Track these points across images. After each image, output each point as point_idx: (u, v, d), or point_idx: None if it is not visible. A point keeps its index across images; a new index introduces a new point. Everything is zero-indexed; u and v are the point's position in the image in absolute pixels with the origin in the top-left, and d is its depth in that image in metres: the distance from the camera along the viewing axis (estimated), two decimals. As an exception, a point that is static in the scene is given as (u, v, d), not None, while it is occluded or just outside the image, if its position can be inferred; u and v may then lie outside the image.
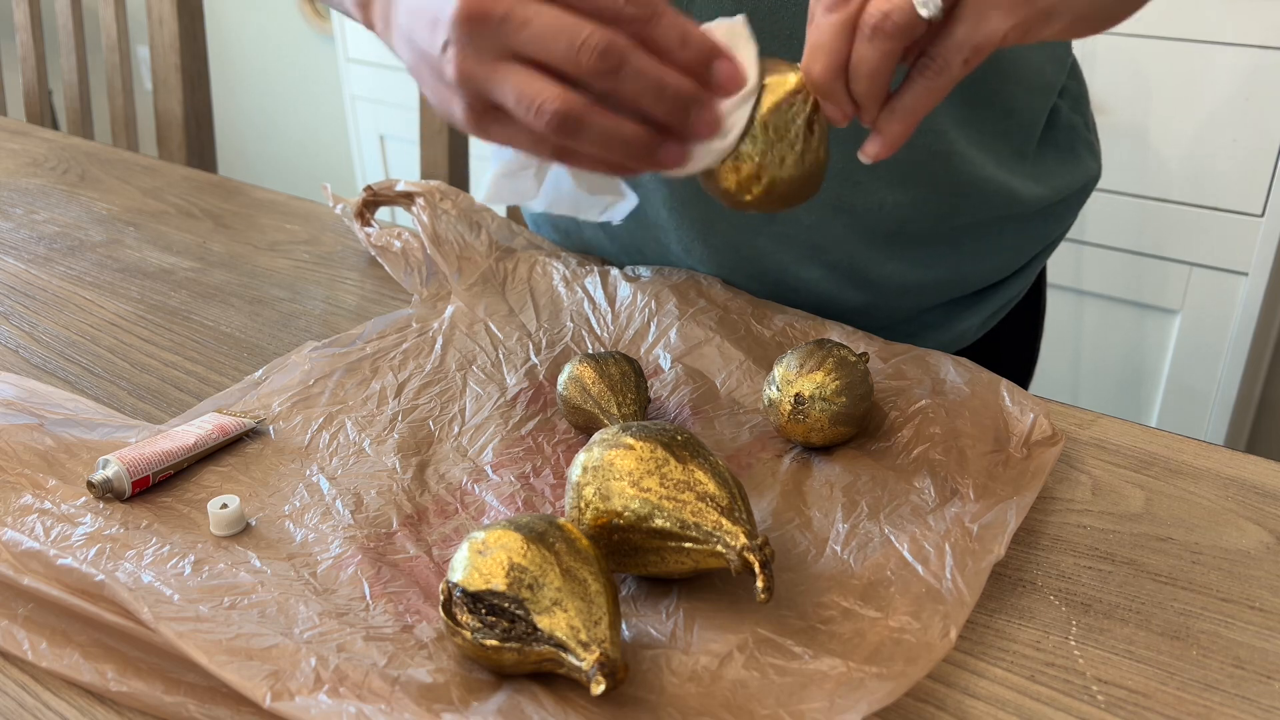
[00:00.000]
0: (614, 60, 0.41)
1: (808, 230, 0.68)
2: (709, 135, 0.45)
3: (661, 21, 0.43)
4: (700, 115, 0.44)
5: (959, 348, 0.81)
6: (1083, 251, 1.63)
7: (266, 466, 0.54)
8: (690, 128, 0.44)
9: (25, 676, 0.43)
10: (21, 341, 0.69)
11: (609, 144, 0.43)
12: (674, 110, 0.43)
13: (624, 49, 0.41)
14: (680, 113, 0.43)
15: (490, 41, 0.43)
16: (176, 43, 1.30)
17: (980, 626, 0.45)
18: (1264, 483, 0.54)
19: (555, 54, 0.42)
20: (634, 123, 0.43)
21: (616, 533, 0.43)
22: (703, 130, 0.44)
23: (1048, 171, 0.74)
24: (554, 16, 0.42)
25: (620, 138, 0.43)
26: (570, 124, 0.42)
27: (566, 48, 0.41)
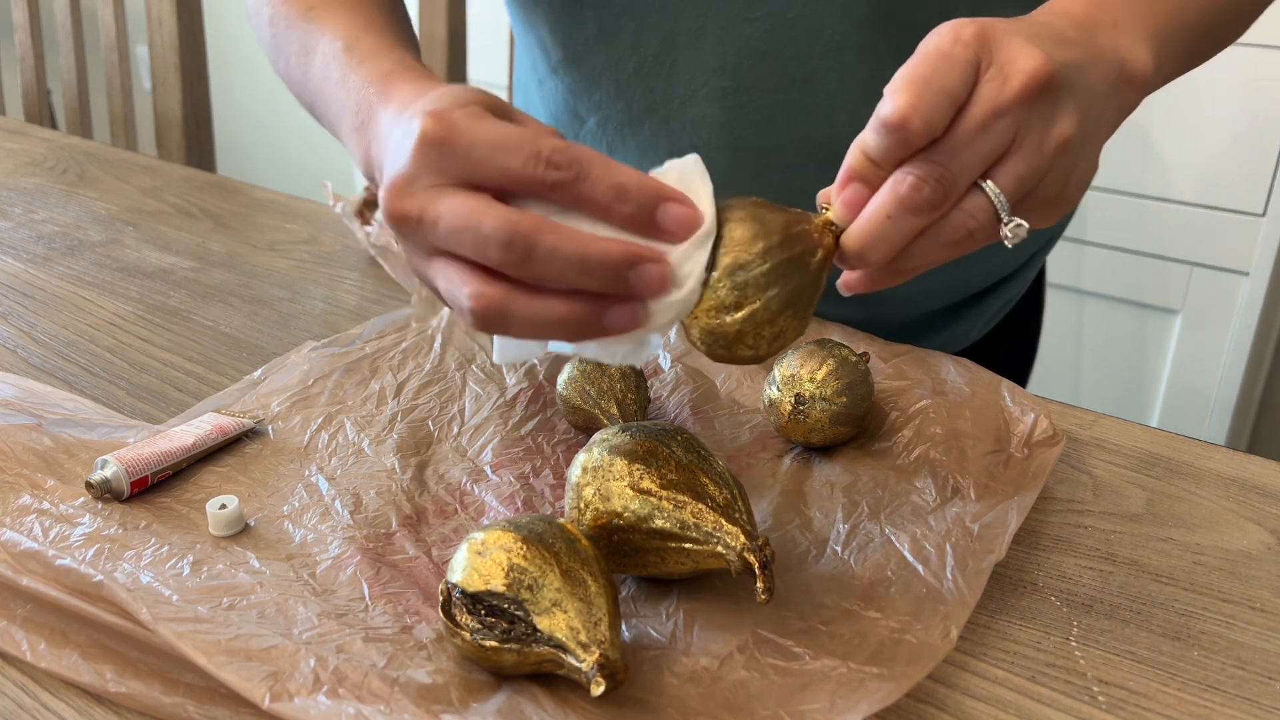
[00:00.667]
0: (520, 249, 0.38)
1: None
2: (659, 292, 0.40)
3: (590, 177, 0.39)
4: (641, 276, 0.39)
5: (961, 347, 0.81)
6: (1083, 251, 1.63)
7: (265, 467, 0.53)
8: (633, 290, 0.40)
9: (24, 677, 0.43)
10: (20, 341, 0.69)
11: (543, 328, 0.40)
12: (606, 280, 0.39)
13: (528, 233, 0.38)
14: (614, 280, 0.39)
15: (417, 240, 0.41)
16: (176, 42, 1.30)
17: (981, 627, 0.45)
18: (1265, 483, 0.54)
19: (465, 250, 0.39)
20: (564, 299, 0.40)
21: (616, 533, 0.43)
22: (650, 289, 0.40)
23: None
24: (459, 211, 0.39)
25: (552, 319, 0.40)
26: (492, 319, 0.40)
27: (473, 243, 0.39)
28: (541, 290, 0.39)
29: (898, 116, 0.40)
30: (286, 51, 0.59)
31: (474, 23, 1.31)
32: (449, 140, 0.40)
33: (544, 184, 0.39)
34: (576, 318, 0.40)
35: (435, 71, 1.22)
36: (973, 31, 0.42)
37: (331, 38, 0.55)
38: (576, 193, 0.39)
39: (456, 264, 0.40)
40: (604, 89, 0.70)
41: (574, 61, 0.71)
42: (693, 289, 0.41)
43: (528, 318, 0.40)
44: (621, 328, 0.40)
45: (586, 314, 0.40)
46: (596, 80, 0.70)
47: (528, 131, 0.40)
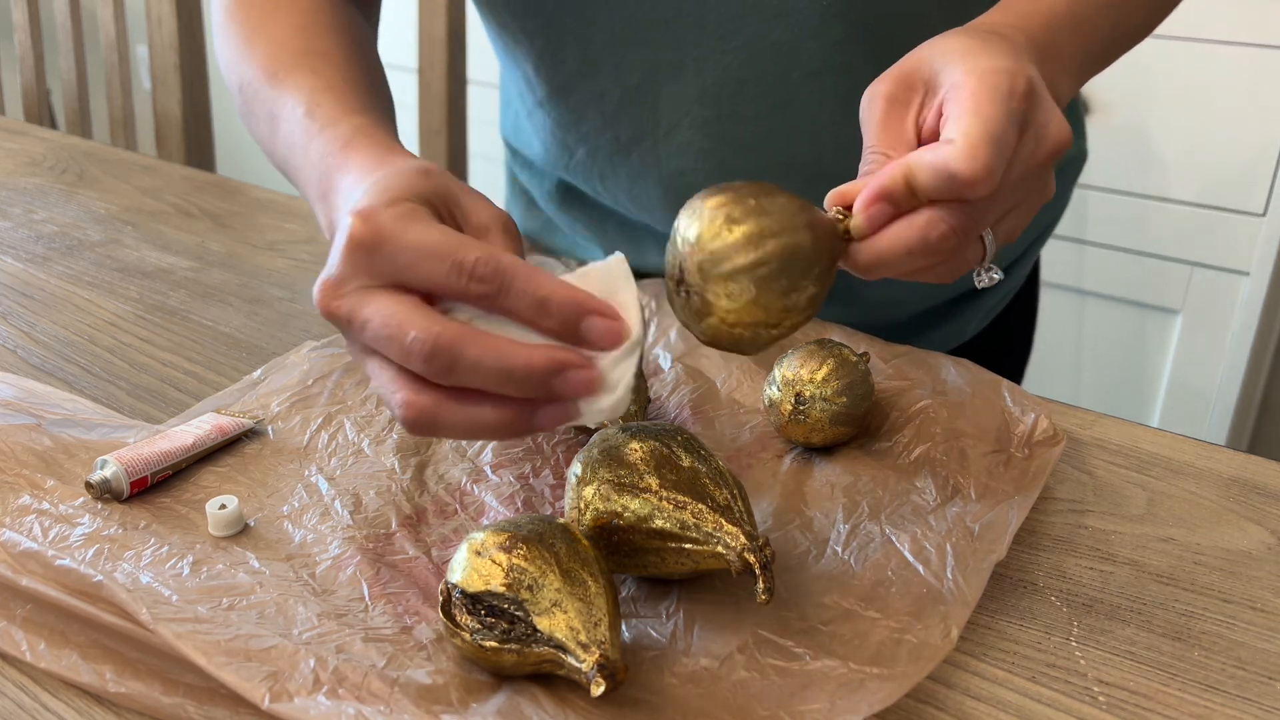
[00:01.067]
0: (443, 361, 0.38)
1: None
2: (587, 394, 0.40)
3: (512, 291, 0.39)
4: (566, 381, 0.39)
5: (958, 343, 0.81)
6: (1083, 251, 1.63)
7: (265, 467, 0.53)
8: (560, 395, 0.40)
9: (24, 677, 0.43)
10: (20, 341, 0.69)
11: (474, 433, 0.40)
12: (531, 388, 0.39)
13: (450, 345, 0.38)
14: (540, 388, 0.39)
15: (351, 339, 0.42)
16: (175, 42, 1.29)
17: (981, 627, 0.45)
18: (1266, 483, 0.54)
19: (392, 356, 0.39)
20: (494, 405, 0.40)
21: (616, 533, 0.43)
22: (577, 392, 0.40)
23: None
24: (386, 318, 0.39)
25: (482, 424, 0.40)
26: (423, 426, 0.40)
27: (398, 351, 0.39)
28: (471, 395, 0.40)
29: (976, 177, 0.40)
30: (257, 118, 0.58)
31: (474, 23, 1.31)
32: (375, 245, 0.40)
33: (467, 295, 0.40)
34: (506, 422, 0.40)
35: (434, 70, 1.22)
36: (1026, 87, 0.43)
37: (294, 104, 0.55)
38: (500, 305, 0.40)
39: (388, 368, 0.40)
40: (590, 121, 0.71)
41: (559, 95, 0.71)
42: (623, 393, 0.40)
43: (458, 424, 0.40)
44: (554, 426, 0.41)
45: (515, 418, 0.40)
46: (583, 113, 0.71)
47: (452, 240, 0.40)
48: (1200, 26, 1.43)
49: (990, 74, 0.43)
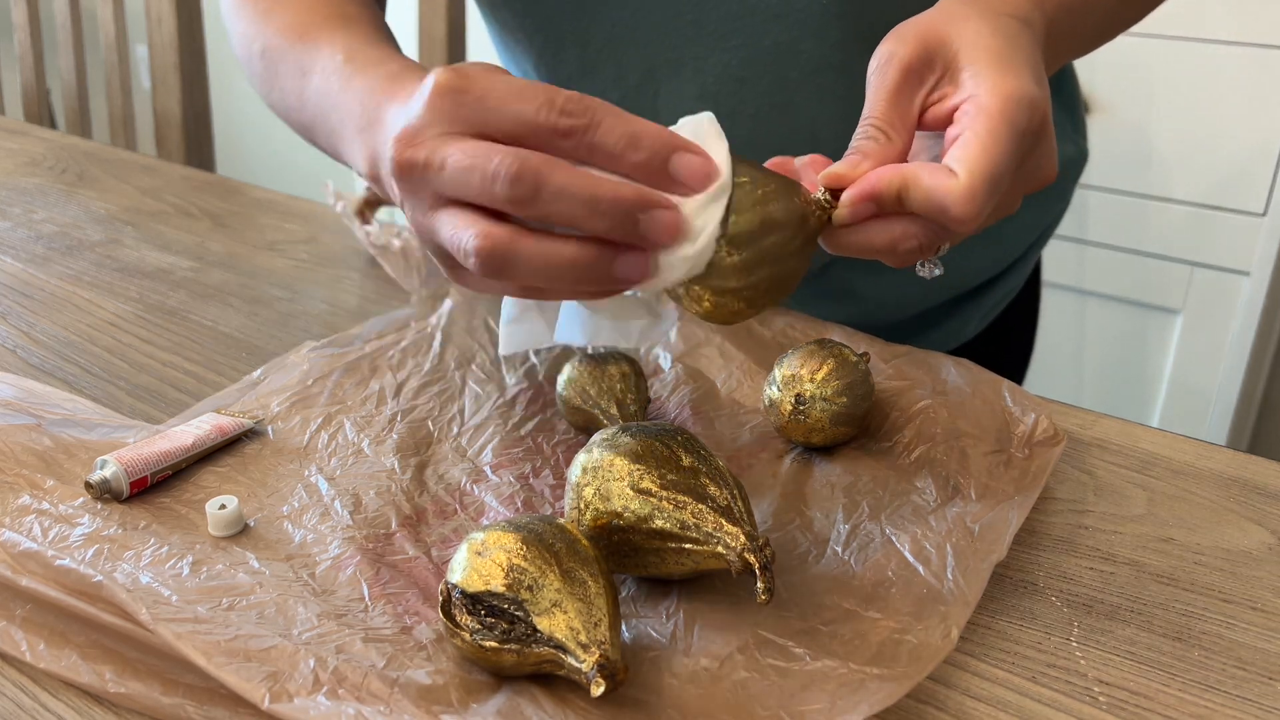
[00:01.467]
0: (528, 184, 0.37)
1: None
2: (670, 241, 0.39)
3: (602, 127, 0.39)
4: (653, 221, 0.39)
5: (959, 343, 0.81)
6: (1084, 251, 1.63)
7: (265, 467, 0.53)
8: (644, 237, 0.39)
9: (23, 677, 0.43)
10: (19, 341, 0.68)
11: (550, 272, 0.39)
12: (616, 223, 0.38)
13: (538, 169, 0.38)
14: (625, 223, 0.38)
15: (422, 190, 0.41)
16: (175, 41, 1.29)
17: (982, 627, 0.45)
18: (1266, 483, 0.54)
19: (471, 191, 0.39)
20: (574, 242, 0.39)
21: (616, 533, 0.43)
22: (661, 236, 0.39)
23: None
24: (466, 151, 0.39)
25: (560, 262, 0.39)
26: (497, 261, 0.39)
27: (480, 181, 0.38)
28: (550, 234, 0.39)
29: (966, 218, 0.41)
30: (282, 78, 0.58)
31: (474, 23, 1.31)
32: (462, 89, 0.40)
33: (557, 130, 0.39)
34: (585, 261, 0.39)
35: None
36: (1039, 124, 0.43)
37: (330, 53, 0.55)
38: (589, 141, 0.39)
39: (462, 210, 0.40)
40: None
41: None
42: (705, 244, 0.40)
43: (535, 259, 0.39)
44: (631, 278, 0.40)
45: (596, 258, 0.39)
46: None
47: (540, 85, 0.40)
48: (1200, 26, 1.43)
49: (1012, 104, 0.42)
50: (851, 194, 0.43)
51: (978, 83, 0.43)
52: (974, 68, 0.44)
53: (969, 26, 0.45)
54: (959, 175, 0.41)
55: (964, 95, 0.43)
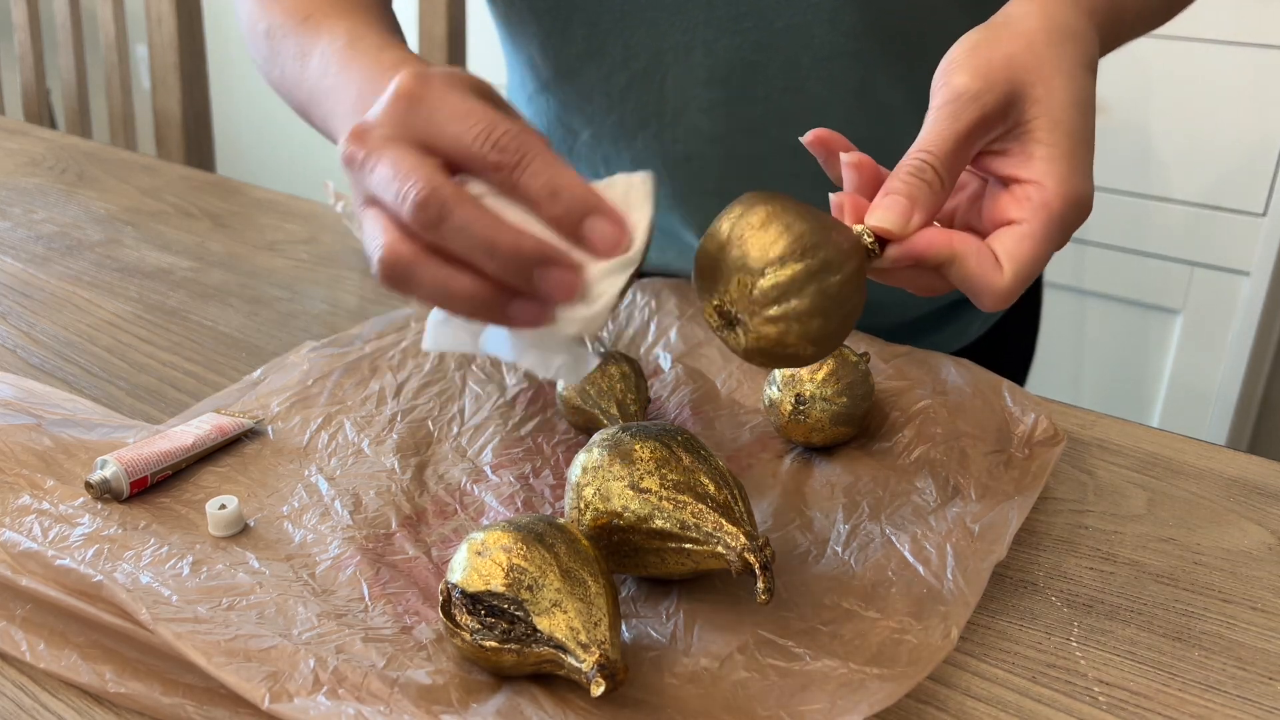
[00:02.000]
0: (432, 213, 0.38)
1: None
2: (564, 299, 0.39)
3: (530, 168, 0.39)
4: (548, 278, 0.39)
5: (960, 345, 0.81)
6: (1084, 251, 1.63)
7: (265, 467, 0.53)
8: (538, 290, 0.39)
9: (23, 677, 0.43)
10: (19, 341, 0.68)
11: (446, 298, 0.39)
12: (511, 271, 0.38)
13: (444, 200, 0.38)
14: (520, 273, 0.39)
15: (356, 185, 0.42)
16: (175, 41, 1.29)
17: (982, 627, 0.45)
18: (1266, 483, 0.54)
19: (388, 201, 0.39)
20: (473, 276, 0.39)
21: (616, 533, 0.43)
22: (555, 293, 0.39)
23: None
24: (393, 162, 0.39)
25: (456, 291, 0.39)
26: (397, 274, 0.39)
27: (394, 195, 0.39)
28: (454, 262, 0.39)
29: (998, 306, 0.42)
30: (283, 58, 0.59)
31: (474, 23, 1.31)
32: (418, 97, 0.40)
33: (485, 162, 0.39)
34: (480, 297, 0.39)
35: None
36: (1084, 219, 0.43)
37: (331, 37, 0.56)
38: (513, 180, 0.39)
39: (383, 216, 0.40)
40: (596, 103, 0.71)
41: (565, 78, 0.71)
42: (602, 309, 0.40)
43: (432, 283, 0.39)
44: (525, 322, 0.40)
45: (490, 297, 0.39)
46: (589, 95, 0.71)
47: (491, 113, 0.40)
48: (1200, 26, 1.43)
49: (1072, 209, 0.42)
50: (898, 253, 0.42)
51: (1048, 171, 0.42)
52: (1049, 151, 0.43)
53: (1056, 89, 0.43)
54: (1005, 273, 0.42)
55: (1031, 176, 0.43)
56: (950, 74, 0.43)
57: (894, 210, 0.42)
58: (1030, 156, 0.43)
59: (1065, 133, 0.43)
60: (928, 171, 0.42)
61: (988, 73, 0.43)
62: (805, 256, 0.39)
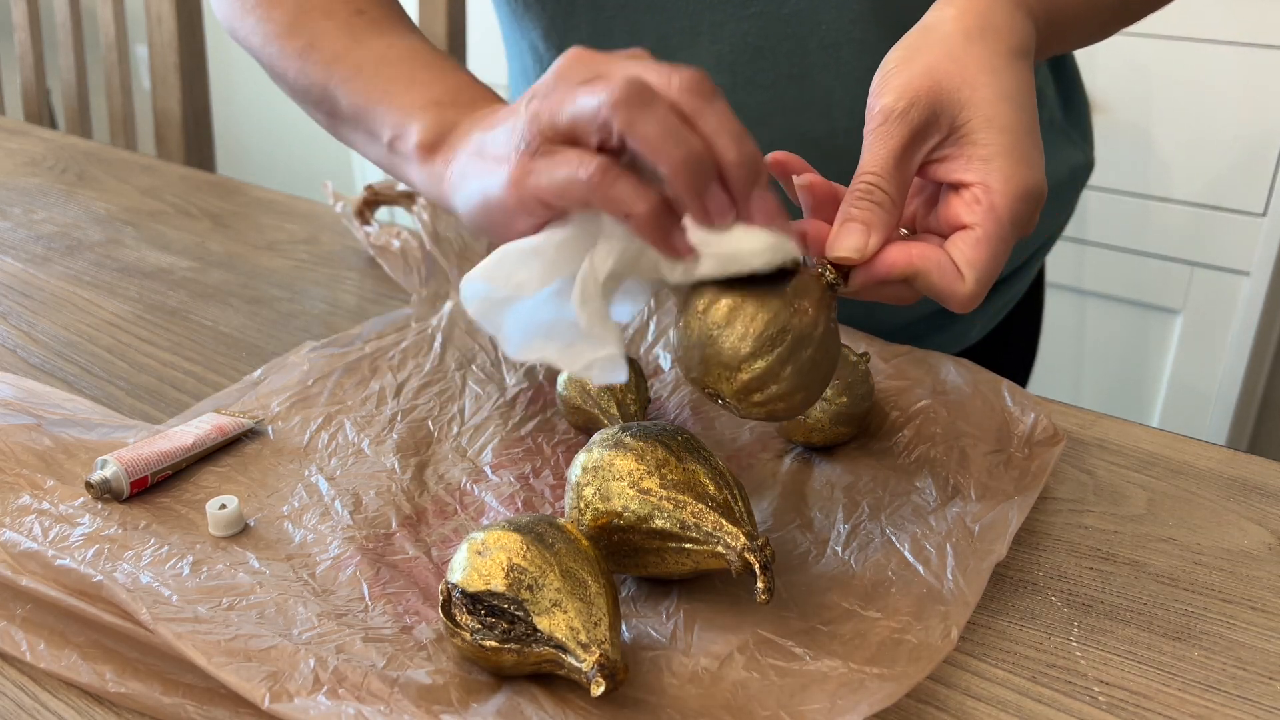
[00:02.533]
0: (644, 93, 0.40)
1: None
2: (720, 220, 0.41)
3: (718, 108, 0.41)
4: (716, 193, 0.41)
5: (961, 348, 0.81)
6: (1084, 251, 1.63)
7: (265, 467, 0.53)
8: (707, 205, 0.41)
9: (23, 677, 0.43)
10: (19, 341, 0.68)
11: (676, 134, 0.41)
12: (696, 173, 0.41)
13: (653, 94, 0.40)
14: (701, 177, 0.41)
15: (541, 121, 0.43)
16: (175, 41, 1.29)
17: (982, 627, 0.45)
18: (1266, 483, 0.54)
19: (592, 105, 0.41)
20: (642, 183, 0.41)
21: (616, 533, 0.43)
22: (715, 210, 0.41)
23: None
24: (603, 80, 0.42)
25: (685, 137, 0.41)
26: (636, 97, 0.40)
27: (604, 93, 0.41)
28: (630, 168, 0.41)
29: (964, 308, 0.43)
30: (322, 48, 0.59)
31: (474, 23, 1.31)
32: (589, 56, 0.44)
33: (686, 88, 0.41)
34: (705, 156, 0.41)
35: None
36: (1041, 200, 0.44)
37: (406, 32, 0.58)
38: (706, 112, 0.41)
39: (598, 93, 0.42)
40: None
41: None
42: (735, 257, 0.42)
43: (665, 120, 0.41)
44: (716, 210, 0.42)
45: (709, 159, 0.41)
46: None
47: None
48: (1200, 26, 1.43)
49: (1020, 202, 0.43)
50: (863, 279, 0.44)
51: (989, 170, 0.43)
52: (987, 150, 0.43)
53: (982, 87, 0.44)
54: (966, 280, 0.43)
55: (974, 178, 0.43)
56: (878, 96, 0.45)
57: (852, 237, 0.43)
58: (970, 159, 0.44)
59: (999, 128, 0.43)
60: (876, 193, 0.43)
61: (909, 88, 0.44)
62: (776, 344, 0.42)
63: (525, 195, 0.43)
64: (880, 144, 0.44)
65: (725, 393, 0.43)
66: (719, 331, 0.42)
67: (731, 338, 0.42)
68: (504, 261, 0.44)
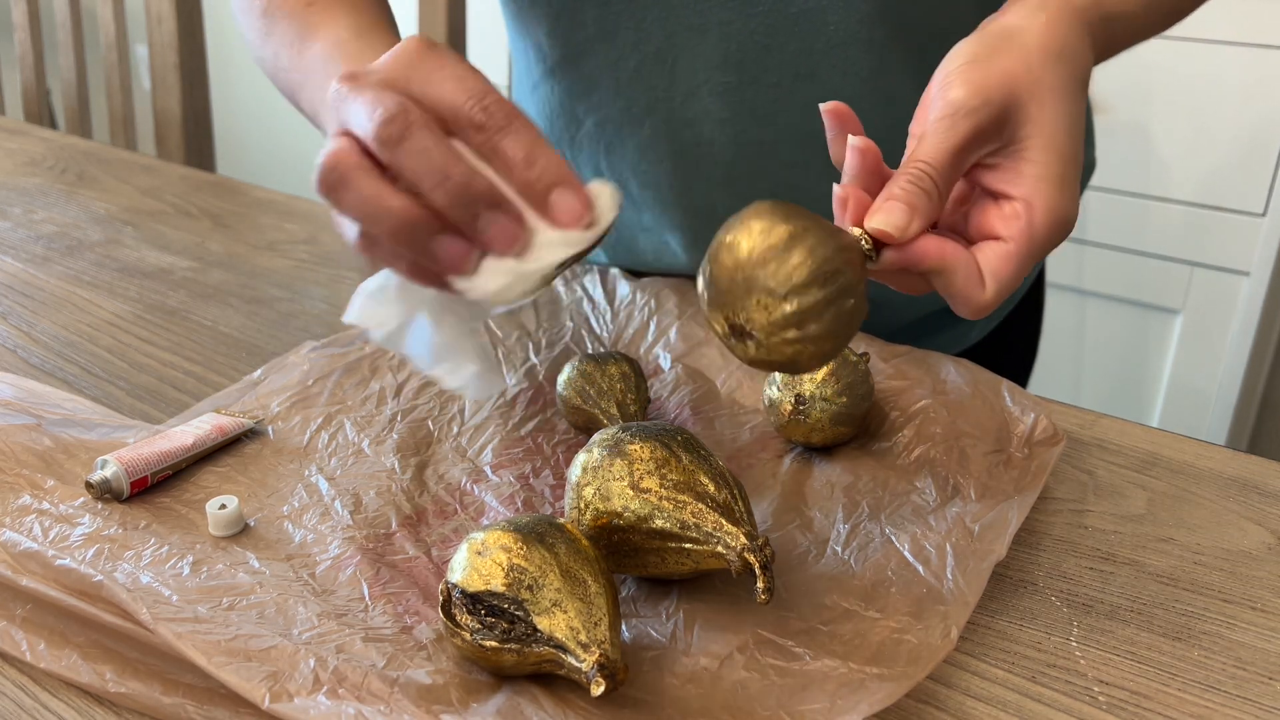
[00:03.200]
0: (396, 129, 0.39)
1: None
2: (501, 249, 0.40)
3: (511, 134, 0.40)
4: (492, 222, 0.40)
5: (960, 349, 0.81)
6: (1084, 251, 1.63)
7: (265, 467, 0.53)
8: (478, 232, 0.40)
9: (24, 677, 0.43)
10: (19, 341, 0.69)
11: (374, 214, 0.40)
12: (457, 203, 0.39)
13: (412, 123, 0.39)
14: (465, 209, 0.39)
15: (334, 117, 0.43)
16: (175, 41, 1.29)
17: (981, 627, 0.45)
18: (1266, 483, 0.54)
19: (359, 115, 0.40)
20: (407, 197, 0.40)
21: (616, 533, 0.43)
22: (494, 239, 0.40)
23: None
24: (376, 97, 0.40)
25: (386, 207, 0.39)
26: (333, 178, 0.40)
27: (363, 118, 0.40)
28: (393, 182, 0.40)
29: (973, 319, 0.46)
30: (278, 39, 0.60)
31: (474, 23, 1.31)
32: (422, 56, 0.41)
33: (472, 121, 0.41)
34: (408, 218, 0.40)
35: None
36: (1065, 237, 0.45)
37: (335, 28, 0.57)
38: (494, 141, 0.40)
39: (345, 136, 0.41)
40: (603, 89, 0.70)
41: (572, 62, 0.71)
42: (534, 272, 0.41)
43: (365, 191, 0.40)
44: (447, 260, 0.41)
45: (419, 221, 0.40)
46: (595, 80, 0.70)
47: (489, 85, 0.42)
48: (1200, 26, 1.43)
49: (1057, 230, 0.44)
50: (893, 258, 0.43)
51: (1037, 191, 0.43)
52: (1040, 170, 0.44)
53: (1049, 108, 0.44)
54: (987, 289, 0.43)
55: (1020, 194, 0.44)
56: (947, 87, 0.44)
57: (895, 214, 0.42)
58: (1021, 175, 0.44)
59: (1057, 154, 0.44)
60: (926, 181, 0.43)
61: (984, 88, 0.43)
62: (828, 283, 0.39)
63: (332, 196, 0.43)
64: (941, 136, 0.43)
65: (758, 323, 0.39)
66: (775, 255, 0.39)
67: (787, 263, 0.39)
68: (364, 303, 0.45)
